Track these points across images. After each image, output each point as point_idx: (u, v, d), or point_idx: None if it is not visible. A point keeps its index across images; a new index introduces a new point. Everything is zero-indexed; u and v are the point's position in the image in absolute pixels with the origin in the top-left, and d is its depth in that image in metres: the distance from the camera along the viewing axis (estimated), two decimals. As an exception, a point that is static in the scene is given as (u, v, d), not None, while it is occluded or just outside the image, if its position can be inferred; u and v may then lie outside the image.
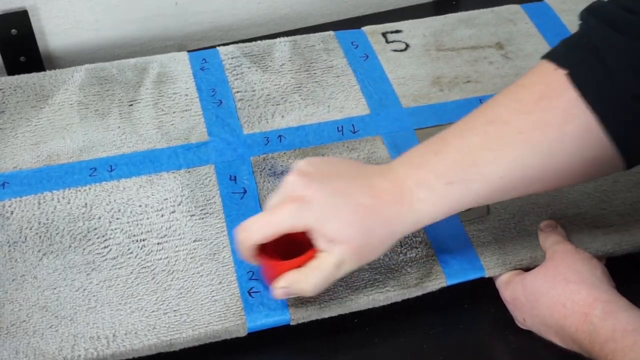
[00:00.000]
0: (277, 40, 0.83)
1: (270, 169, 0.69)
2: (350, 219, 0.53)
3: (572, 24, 0.86)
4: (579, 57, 0.52)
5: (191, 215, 0.65)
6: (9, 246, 0.63)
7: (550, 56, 0.54)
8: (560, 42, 0.55)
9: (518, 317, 0.60)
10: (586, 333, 0.52)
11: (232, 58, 0.80)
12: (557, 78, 0.52)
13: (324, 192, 0.53)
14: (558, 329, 0.55)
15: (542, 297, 0.56)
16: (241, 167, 0.69)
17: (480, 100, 0.76)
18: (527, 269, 0.61)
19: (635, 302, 0.53)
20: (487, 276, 0.62)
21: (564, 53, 0.54)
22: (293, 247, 0.56)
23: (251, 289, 0.60)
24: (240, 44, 0.82)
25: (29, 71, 0.79)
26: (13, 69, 0.85)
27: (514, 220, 0.66)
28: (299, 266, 0.55)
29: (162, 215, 0.65)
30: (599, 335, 0.51)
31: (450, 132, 0.56)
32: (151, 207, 0.66)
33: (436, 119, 0.75)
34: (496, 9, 0.88)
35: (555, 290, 0.56)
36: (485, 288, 0.63)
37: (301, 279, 0.54)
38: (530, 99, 0.53)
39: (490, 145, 0.53)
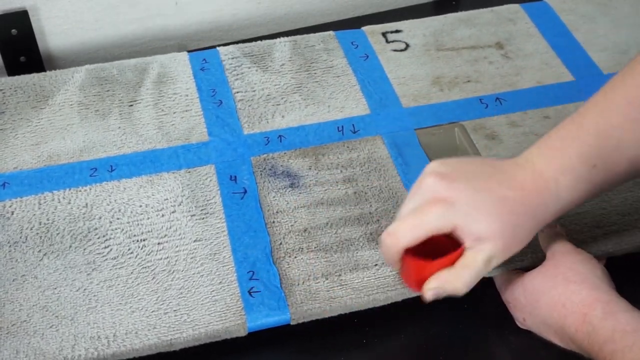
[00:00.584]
0: (277, 40, 0.83)
1: (270, 169, 0.69)
2: (496, 215, 0.53)
3: (572, 23, 0.86)
4: None
5: (191, 215, 0.65)
6: (10, 246, 0.63)
7: None
8: None
9: (518, 317, 0.60)
10: (585, 333, 0.52)
11: (232, 58, 0.80)
12: None
13: (467, 190, 0.53)
14: (558, 329, 0.55)
15: (542, 297, 0.56)
16: (241, 167, 0.69)
17: (481, 99, 0.77)
18: (527, 269, 0.61)
19: (635, 302, 0.53)
20: (487, 276, 0.62)
21: None
22: (432, 248, 0.55)
23: (251, 288, 0.60)
24: (240, 44, 0.82)
25: (29, 71, 0.79)
26: (13, 69, 0.85)
27: (514, 220, 0.66)
28: (447, 266, 0.54)
29: (162, 216, 0.65)
30: (598, 336, 0.51)
31: (587, 112, 0.55)
32: (151, 207, 0.66)
33: (436, 118, 0.75)
34: (496, 8, 0.88)
35: (555, 290, 0.56)
36: (485, 288, 0.62)
37: (452, 279, 0.54)
38: None
39: (631, 127, 0.53)
